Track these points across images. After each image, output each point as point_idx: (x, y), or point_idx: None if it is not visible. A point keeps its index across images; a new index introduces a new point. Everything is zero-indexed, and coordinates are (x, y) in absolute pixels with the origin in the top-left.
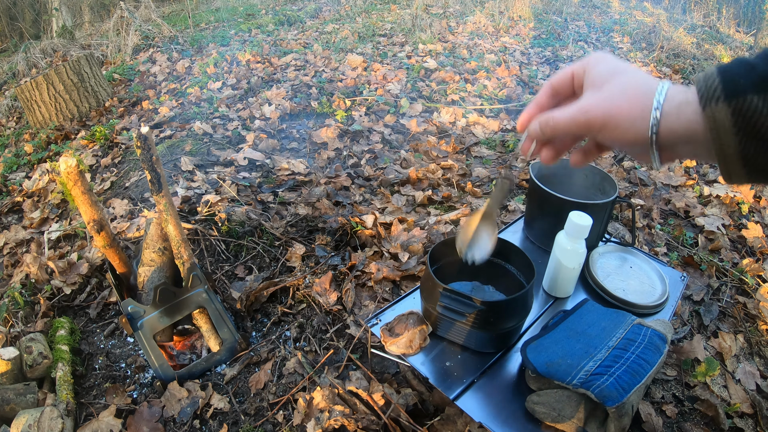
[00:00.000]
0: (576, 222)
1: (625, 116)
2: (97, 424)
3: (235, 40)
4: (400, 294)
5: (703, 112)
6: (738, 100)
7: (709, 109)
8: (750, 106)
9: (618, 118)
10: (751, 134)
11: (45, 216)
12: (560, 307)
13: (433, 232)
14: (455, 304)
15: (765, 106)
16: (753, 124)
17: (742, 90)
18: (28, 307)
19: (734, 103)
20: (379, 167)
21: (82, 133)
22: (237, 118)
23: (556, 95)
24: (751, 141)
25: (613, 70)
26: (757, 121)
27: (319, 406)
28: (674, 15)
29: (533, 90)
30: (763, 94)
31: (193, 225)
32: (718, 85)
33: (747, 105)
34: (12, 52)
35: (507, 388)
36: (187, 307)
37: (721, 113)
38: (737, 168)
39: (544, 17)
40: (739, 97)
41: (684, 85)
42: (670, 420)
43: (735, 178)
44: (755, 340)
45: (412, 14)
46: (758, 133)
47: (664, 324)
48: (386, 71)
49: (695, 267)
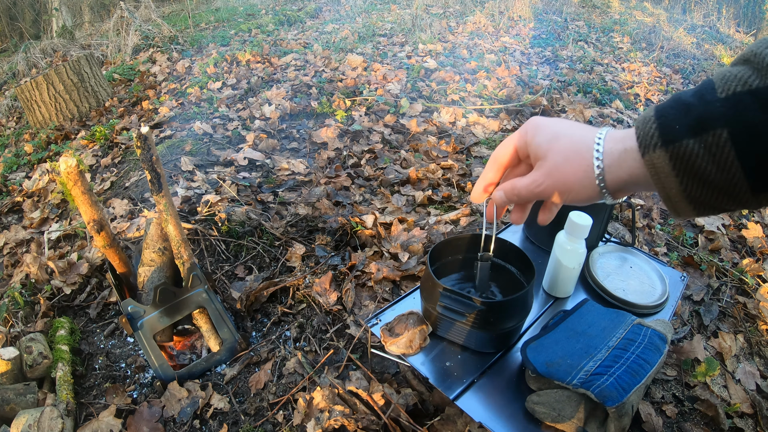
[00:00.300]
0: (576, 222)
1: (573, 181)
2: (97, 424)
3: (235, 40)
4: (400, 294)
5: (642, 159)
6: (674, 145)
7: (648, 156)
8: (686, 150)
9: (567, 184)
10: (691, 176)
11: (45, 216)
12: (560, 307)
13: (433, 232)
14: (455, 304)
15: (700, 148)
16: (691, 167)
17: (678, 135)
18: (28, 307)
19: (671, 149)
20: (379, 167)
21: (82, 133)
22: (237, 118)
23: (501, 168)
24: (692, 181)
25: (551, 137)
26: (695, 164)
27: (319, 406)
28: (674, 15)
29: (533, 90)
30: (698, 137)
31: (193, 225)
32: (654, 131)
33: (683, 149)
34: (12, 52)
35: (507, 388)
36: (187, 307)
37: (660, 160)
38: (684, 206)
39: (544, 17)
40: (675, 143)
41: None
42: (670, 420)
43: (683, 215)
44: (755, 340)
45: (412, 14)
46: (698, 174)
47: (664, 324)
48: (386, 71)
49: (695, 267)
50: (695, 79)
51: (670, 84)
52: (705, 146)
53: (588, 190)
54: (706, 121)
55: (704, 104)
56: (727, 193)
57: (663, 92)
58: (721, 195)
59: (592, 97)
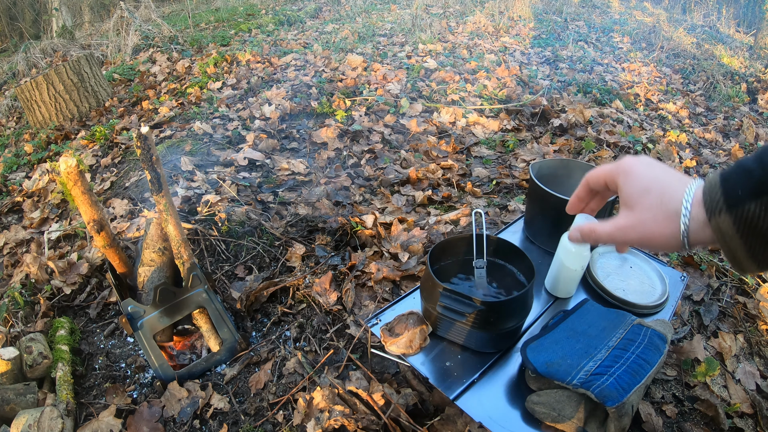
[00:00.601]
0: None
1: (658, 237)
2: (97, 424)
3: (235, 40)
4: (400, 294)
5: (709, 223)
6: (738, 209)
7: (714, 220)
8: (749, 213)
9: (652, 239)
10: (754, 236)
11: (45, 216)
12: (560, 307)
13: (433, 232)
14: (455, 304)
15: (762, 211)
16: (754, 228)
17: (741, 200)
18: (28, 307)
19: (734, 212)
20: (379, 167)
21: (82, 133)
22: (237, 118)
23: (592, 191)
24: (756, 241)
25: (642, 190)
26: (757, 225)
27: (319, 406)
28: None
29: (533, 90)
30: (759, 199)
31: (193, 225)
32: (720, 197)
33: (746, 213)
34: (12, 52)
35: (507, 388)
36: (187, 307)
37: (725, 223)
38: (748, 264)
39: (544, 17)
40: (738, 207)
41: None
42: (670, 420)
43: (748, 271)
44: (755, 340)
45: (412, 14)
46: (760, 234)
47: (664, 324)
48: (386, 71)
49: (695, 267)
50: (695, 78)
51: (670, 84)
52: (766, 208)
53: (671, 247)
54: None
55: (763, 169)
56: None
57: (663, 92)
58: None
59: (592, 97)
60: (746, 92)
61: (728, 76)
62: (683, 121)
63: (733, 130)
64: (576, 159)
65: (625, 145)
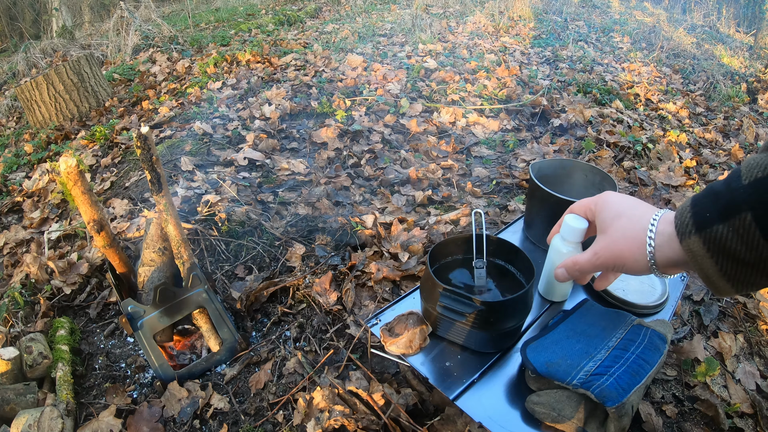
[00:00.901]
0: (572, 225)
1: (627, 256)
2: (97, 424)
3: (235, 40)
4: (400, 294)
5: (680, 245)
6: (706, 231)
7: (685, 242)
8: (717, 234)
9: (623, 258)
10: (725, 256)
11: (45, 216)
12: (560, 307)
13: (433, 232)
14: (455, 304)
15: (729, 232)
16: (723, 248)
17: (709, 222)
18: (28, 307)
19: (704, 234)
20: (379, 167)
21: (82, 133)
22: (237, 118)
23: None
24: (726, 261)
25: (614, 215)
26: (726, 245)
27: (319, 406)
28: (674, 15)
29: (533, 90)
30: (727, 221)
31: (193, 225)
32: (689, 220)
33: (715, 234)
34: (12, 52)
35: (507, 388)
36: (187, 307)
37: (695, 244)
38: (723, 284)
39: (544, 17)
40: (707, 228)
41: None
42: (670, 420)
43: (724, 293)
44: (755, 340)
45: (412, 14)
46: (730, 254)
47: (664, 324)
48: (386, 71)
49: None
50: (695, 78)
51: (670, 84)
52: (733, 229)
53: (640, 265)
54: (732, 206)
55: (730, 191)
56: (759, 269)
57: (663, 92)
58: (755, 272)
59: (592, 97)
60: (746, 92)
61: (728, 76)
62: (683, 121)
63: (733, 130)
64: (576, 159)
65: (626, 145)
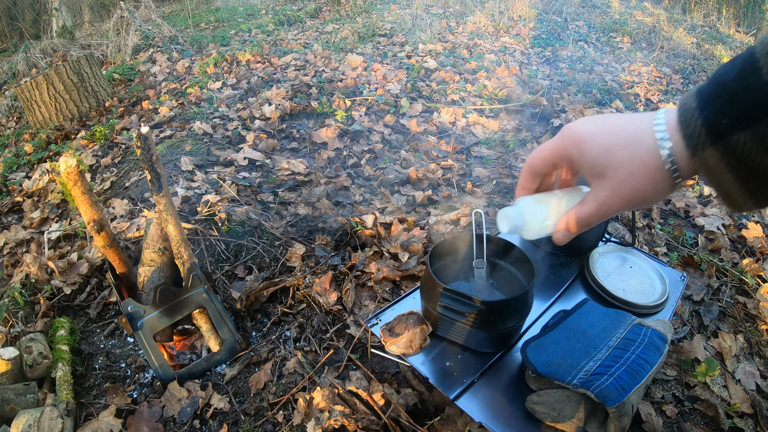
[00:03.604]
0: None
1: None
2: (97, 424)
3: (235, 40)
4: (400, 294)
5: (692, 158)
6: (724, 142)
7: (699, 156)
8: (738, 145)
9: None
10: (748, 171)
11: (45, 216)
12: (560, 307)
13: (433, 232)
14: (455, 304)
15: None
16: (746, 162)
17: (727, 130)
18: (28, 307)
19: (721, 146)
20: (379, 167)
21: (82, 133)
22: (237, 118)
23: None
24: (750, 176)
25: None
26: (749, 158)
27: (319, 406)
28: (674, 15)
29: (533, 90)
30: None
31: (193, 225)
32: (701, 129)
33: (735, 145)
34: (12, 52)
35: (507, 388)
36: (187, 307)
37: (711, 158)
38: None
39: (544, 17)
40: (724, 139)
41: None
42: (670, 420)
43: (744, 209)
44: (755, 340)
45: (412, 14)
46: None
47: (664, 324)
48: (386, 71)
49: (695, 267)
50: (695, 79)
51: (670, 84)
52: (758, 138)
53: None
54: (755, 109)
55: (748, 90)
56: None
57: (663, 92)
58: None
59: (592, 97)
60: None
61: None
62: None
63: None
64: None
65: None
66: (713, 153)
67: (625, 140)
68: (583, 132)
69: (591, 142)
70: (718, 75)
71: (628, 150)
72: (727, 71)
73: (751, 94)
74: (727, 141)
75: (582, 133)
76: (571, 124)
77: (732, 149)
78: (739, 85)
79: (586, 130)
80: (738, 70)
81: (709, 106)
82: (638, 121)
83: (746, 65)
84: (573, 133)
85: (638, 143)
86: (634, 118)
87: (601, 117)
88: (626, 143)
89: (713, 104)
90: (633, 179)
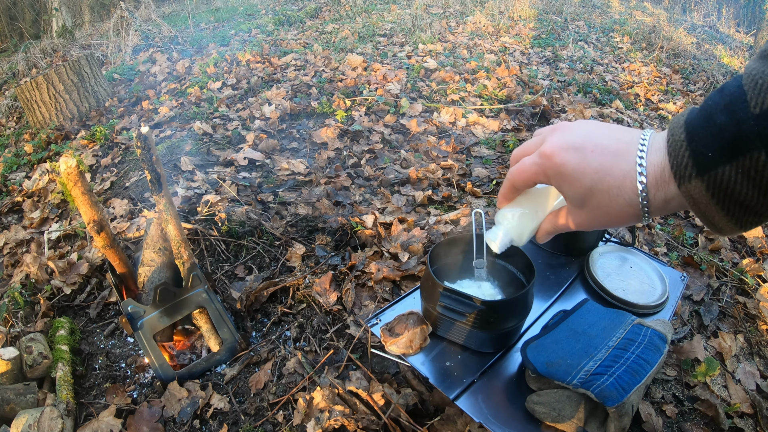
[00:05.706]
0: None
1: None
2: (97, 424)
3: (235, 40)
4: (400, 294)
5: (679, 189)
6: (710, 174)
7: (684, 187)
8: (723, 178)
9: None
10: (732, 202)
11: (45, 216)
12: (560, 307)
13: (433, 232)
14: (455, 304)
15: (738, 174)
16: (731, 194)
17: (713, 163)
18: (28, 307)
19: (707, 178)
20: (379, 167)
21: (82, 133)
22: (237, 118)
23: (518, 192)
24: (735, 207)
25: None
26: (734, 190)
27: (319, 406)
28: (674, 15)
29: (533, 90)
30: (734, 162)
31: (193, 225)
32: (688, 160)
33: (720, 178)
34: (12, 52)
35: (507, 388)
36: (187, 307)
37: (697, 190)
38: (729, 227)
39: (544, 17)
40: (710, 171)
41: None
42: (670, 420)
43: (728, 233)
44: (755, 340)
45: (412, 14)
46: (739, 200)
47: (664, 324)
48: (386, 71)
49: (695, 267)
50: (695, 78)
51: (670, 84)
52: (743, 171)
53: (631, 220)
54: (741, 142)
55: (736, 123)
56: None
57: (663, 92)
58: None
59: (592, 97)
60: None
61: (728, 76)
62: None
63: None
64: None
65: None
66: (699, 184)
67: (606, 186)
68: (568, 166)
69: (574, 182)
70: (706, 105)
71: (609, 196)
72: (714, 105)
73: (737, 127)
74: (713, 173)
75: (566, 169)
76: (553, 144)
77: (717, 182)
78: (726, 117)
79: (571, 164)
80: (725, 103)
81: (696, 137)
82: (622, 162)
83: (734, 97)
84: (555, 164)
85: (620, 191)
86: (618, 156)
87: (584, 140)
88: (608, 189)
89: (700, 135)
90: (609, 217)
